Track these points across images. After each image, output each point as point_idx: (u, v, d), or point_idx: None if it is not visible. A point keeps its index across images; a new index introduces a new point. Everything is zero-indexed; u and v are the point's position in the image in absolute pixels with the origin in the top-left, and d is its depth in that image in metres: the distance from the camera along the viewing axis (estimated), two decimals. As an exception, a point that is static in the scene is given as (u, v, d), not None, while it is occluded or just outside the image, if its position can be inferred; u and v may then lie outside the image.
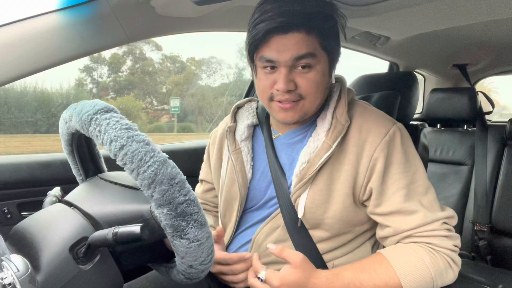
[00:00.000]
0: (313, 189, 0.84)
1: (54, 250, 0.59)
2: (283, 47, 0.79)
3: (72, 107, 0.68)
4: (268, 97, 0.85)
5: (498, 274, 1.47)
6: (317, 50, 0.81)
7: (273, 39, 0.79)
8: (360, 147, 0.83)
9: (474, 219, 1.72)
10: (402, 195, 0.80)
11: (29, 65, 0.76)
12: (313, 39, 0.80)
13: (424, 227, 0.79)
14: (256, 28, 0.80)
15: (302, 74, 0.81)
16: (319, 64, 0.82)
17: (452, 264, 0.79)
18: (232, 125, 0.99)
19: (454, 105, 1.85)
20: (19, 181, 1.25)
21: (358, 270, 0.78)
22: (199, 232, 0.58)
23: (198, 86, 12.25)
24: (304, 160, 0.85)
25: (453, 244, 0.80)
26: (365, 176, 0.83)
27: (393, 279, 0.76)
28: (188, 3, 0.87)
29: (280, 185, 0.88)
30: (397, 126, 0.85)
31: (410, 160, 0.84)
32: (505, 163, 1.72)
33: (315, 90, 0.83)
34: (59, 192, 0.80)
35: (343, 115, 0.85)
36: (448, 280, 0.80)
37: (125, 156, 0.56)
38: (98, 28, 0.85)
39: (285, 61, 0.80)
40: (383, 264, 0.78)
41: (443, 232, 0.79)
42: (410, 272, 0.76)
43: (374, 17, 1.16)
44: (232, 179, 0.97)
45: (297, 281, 0.74)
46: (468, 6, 1.11)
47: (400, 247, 0.81)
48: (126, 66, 10.62)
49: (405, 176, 0.82)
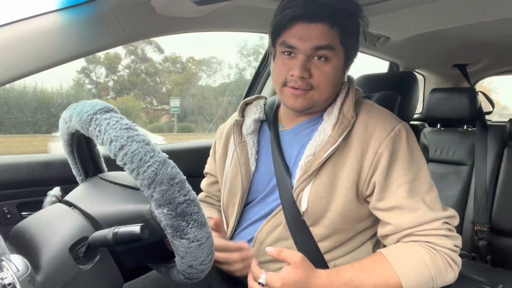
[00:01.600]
0: (317, 182, 0.85)
1: (54, 250, 0.59)
2: (305, 35, 0.82)
3: (72, 107, 0.68)
4: (282, 82, 0.88)
5: (498, 274, 1.47)
6: (336, 45, 0.84)
7: (297, 26, 0.83)
8: (366, 142, 0.84)
9: (474, 219, 1.72)
10: (405, 190, 0.81)
11: (29, 65, 0.76)
12: (334, 33, 0.83)
13: (425, 226, 0.79)
14: (282, 13, 0.83)
15: (318, 65, 0.84)
16: (335, 59, 0.85)
17: (453, 264, 0.80)
18: (240, 119, 1.01)
19: (454, 105, 1.85)
20: (19, 181, 1.25)
21: (359, 269, 0.78)
22: (199, 232, 0.58)
23: (198, 86, 12.25)
24: (309, 153, 0.86)
25: (453, 244, 0.80)
26: (369, 170, 0.83)
27: (393, 279, 0.76)
28: (188, 3, 0.87)
29: (283, 180, 0.89)
30: (402, 124, 0.87)
31: (415, 158, 0.84)
32: (505, 163, 1.72)
33: (326, 83, 0.85)
34: (59, 192, 0.80)
35: (350, 110, 0.87)
36: (448, 279, 0.80)
37: (125, 156, 0.56)
38: (98, 28, 0.85)
39: (305, 49, 0.83)
40: (383, 264, 0.78)
41: (444, 232, 0.79)
42: (410, 271, 0.76)
43: (374, 17, 1.16)
44: (235, 171, 0.98)
45: (298, 280, 0.74)
46: (468, 6, 1.11)
47: (400, 247, 0.81)
48: (126, 66, 10.62)
49: (409, 173, 0.82)
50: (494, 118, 2.31)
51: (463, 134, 1.90)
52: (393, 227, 0.82)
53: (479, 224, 1.70)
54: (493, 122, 2.17)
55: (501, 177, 1.72)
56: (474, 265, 1.62)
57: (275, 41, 0.88)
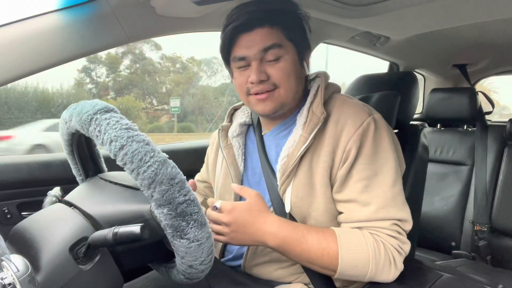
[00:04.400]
0: (296, 183, 0.86)
1: (54, 250, 0.59)
2: (250, 43, 0.85)
3: (72, 107, 0.68)
4: (245, 92, 0.90)
5: (498, 274, 1.47)
6: (283, 41, 0.86)
7: (241, 37, 0.86)
8: (336, 138, 0.84)
9: (474, 219, 1.72)
10: (361, 186, 0.82)
11: (29, 65, 0.76)
12: (277, 31, 0.86)
13: (373, 222, 0.80)
14: (225, 31, 0.87)
15: (272, 65, 0.86)
16: (287, 54, 0.87)
17: (393, 263, 0.79)
18: (226, 124, 1.05)
19: (454, 105, 1.85)
20: (19, 181, 1.25)
21: (309, 229, 0.80)
22: (199, 232, 0.58)
23: (199, 86, 12.24)
24: (284, 155, 0.88)
25: (398, 245, 0.79)
26: (339, 166, 0.84)
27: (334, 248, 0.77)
28: (188, 3, 0.87)
29: (270, 181, 0.91)
30: (372, 117, 0.85)
31: (379, 153, 0.84)
32: (505, 163, 1.72)
33: (287, 78, 0.87)
34: (59, 192, 0.80)
35: (319, 107, 0.87)
36: (386, 276, 0.78)
37: (125, 156, 0.56)
38: (98, 28, 0.85)
39: (254, 54, 0.85)
40: (330, 234, 0.79)
41: (391, 232, 0.79)
42: (349, 242, 0.77)
43: (374, 17, 1.16)
44: (225, 174, 1.01)
45: (249, 210, 0.79)
46: (468, 6, 1.11)
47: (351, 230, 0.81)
48: (127, 66, 10.60)
49: (369, 168, 0.82)
50: (494, 118, 2.31)
51: (463, 134, 1.90)
52: (345, 216, 0.83)
53: (479, 224, 1.70)
54: (493, 122, 2.17)
55: (501, 177, 1.72)
56: (474, 265, 1.62)
57: (228, 60, 0.91)
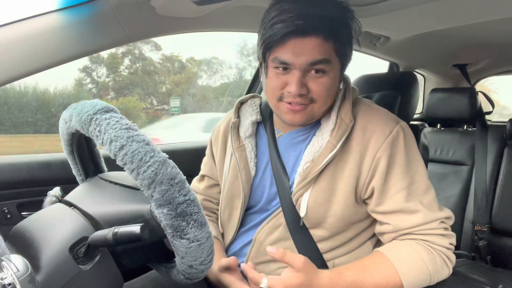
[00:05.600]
0: (316, 188, 0.85)
1: (54, 250, 0.59)
2: (299, 51, 0.78)
3: (72, 107, 0.68)
4: (277, 97, 0.84)
5: (498, 274, 1.47)
6: (332, 57, 0.81)
7: (290, 41, 0.77)
8: (364, 146, 0.83)
9: (474, 219, 1.72)
10: (403, 195, 0.81)
11: (29, 65, 0.76)
12: (329, 45, 0.79)
13: (423, 226, 0.81)
14: (273, 28, 0.77)
15: (316, 79, 0.81)
16: (332, 71, 0.82)
17: (447, 261, 0.82)
18: (236, 120, 0.98)
19: (454, 105, 1.85)
20: (19, 181, 1.25)
21: (360, 269, 0.78)
22: (199, 232, 0.58)
23: (199, 86, 12.24)
24: (308, 159, 0.85)
25: (449, 242, 0.82)
26: (367, 175, 0.83)
27: (394, 277, 0.77)
28: (188, 3, 0.87)
29: (282, 184, 0.89)
30: (400, 126, 0.86)
31: (412, 160, 0.85)
32: (505, 163, 1.72)
33: (326, 95, 0.83)
34: (59, 192, 0.80)
35: (348, 114, 0.85)
36: (443, 276, 0.83)
37: (125, 156, 0.56)
38: (98, 28, 0.85)
39: (300, 64, 0.79)
40: (384, 263, 0.79)
41: (441, 231, 0.81)
42: (410, 269, 0.78)
43: (374, 17, 1.16)
44: (234, 175, 0.97)
45: (300, 283, 0.74)
46: (468, 6, 1.11)
47: (399, 245, 0.82)
48: (127, 66, 10.59)
49: (407, 177, 0.83)
50: (494, 118, 2.31)
51: (463, 134, 1.90)
52: (392, 227, 0.83)
53: (479, 224, 1.70)
54: (493, 122, 2.17)
55: (501, 177, 1.72)
56: (474, 265, 1.61)
57: (265, 56, 0.82)
